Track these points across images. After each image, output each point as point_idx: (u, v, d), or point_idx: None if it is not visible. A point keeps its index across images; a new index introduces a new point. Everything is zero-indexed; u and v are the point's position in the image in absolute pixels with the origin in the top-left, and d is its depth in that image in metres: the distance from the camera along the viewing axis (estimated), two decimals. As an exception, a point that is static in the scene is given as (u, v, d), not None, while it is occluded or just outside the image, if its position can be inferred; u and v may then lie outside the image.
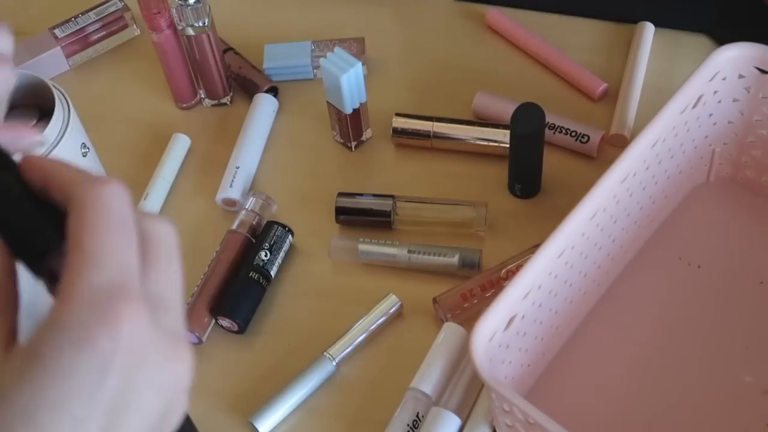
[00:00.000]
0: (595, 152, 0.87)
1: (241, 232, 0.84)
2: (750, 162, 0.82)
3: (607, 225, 0.73)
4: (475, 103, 0.91)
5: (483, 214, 0.83)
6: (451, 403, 0.72)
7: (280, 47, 0.97)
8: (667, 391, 0.73)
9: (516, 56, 0.97)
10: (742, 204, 0.84)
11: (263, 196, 0.86)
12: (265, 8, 1.04)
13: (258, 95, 0.93)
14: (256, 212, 0.85)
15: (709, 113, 0.79)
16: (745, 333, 0.76)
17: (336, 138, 0.92)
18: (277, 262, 0.83)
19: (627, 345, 0.76)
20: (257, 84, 0.95)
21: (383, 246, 0.82)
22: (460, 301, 0.79)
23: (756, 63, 0.76)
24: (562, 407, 0.72)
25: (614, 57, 0.96)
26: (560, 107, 0.91)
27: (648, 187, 0.76)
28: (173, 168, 0.91)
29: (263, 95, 0.93)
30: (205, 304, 0.80)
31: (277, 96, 0.94)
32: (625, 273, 0.79)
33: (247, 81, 0.95)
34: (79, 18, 1.00)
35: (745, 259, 0.80)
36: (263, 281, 0.81)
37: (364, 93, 0.87)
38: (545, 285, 0.68)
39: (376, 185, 0.88)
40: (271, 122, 0.93)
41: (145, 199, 0.87)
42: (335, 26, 1.00)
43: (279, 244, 0.83)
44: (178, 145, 0.92)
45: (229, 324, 0.80)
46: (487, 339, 0.63)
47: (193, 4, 0.87)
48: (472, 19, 1.01)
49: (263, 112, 0.93)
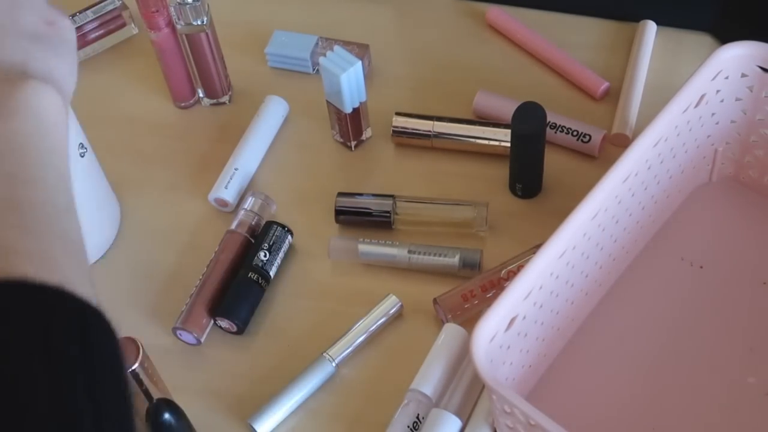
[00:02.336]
0: (596, 152, 0.87)
1: (240, 233, 0.83)
2: (753, 161, 0.82)
3: (609, 225, 0.73)
4: (475, 102, 0.91)
5: (484, 214, 0.83)
6: (452, 404, 0.72)
7: (287, 35, 0.97)
8: (670, 392, 0.73)
9: (517, 55, 0.97)
10: (745, 204, 0.83)
11: (262, 196, 0.86)
12: (267, 2, 1.03)
13: (269, 96, 0.93)
14: (255, 212, 0.85)
15: (711, 112, 0.79)
16: (749, 334, 0.75)
17: (336, 137, 0.92)
18: (276, 263, 0.82)
19: (629, 346, 0.76)
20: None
21: (383, 246, 0.82)
22: (460, 301, 0.78)
23: (759, 62, 0.76)
24: (564, 409, 0.72)
25: (616, 56, 0.95)
26: (561, 106, 0.90)
27: (650, 186, 0.76)
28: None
29: (274, 97, 0.93)
30: (203, 305, 0.80)
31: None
32: (627, 273, 0.79)
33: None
34: (76, 16, 1.00)
35: (748, 259, 0.79)
36: (262, 282, 0.81)
37: (364, 92, 0.87)
38: (546, 286, 0.68)
39: (376, 185, 0.88)
40: (278, 126, 0.93)
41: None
42: (335, 24, 1.00)
43: (278, 244, 0.82)
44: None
45: (228, 325, 0.79)
46: (488, 340, 0.63)
47: (191, 2, 0.86)
48: (472, 17, 1.00)
49: (272, 115, 0.92)
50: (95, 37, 1.00)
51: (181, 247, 0.86)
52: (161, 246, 0.86)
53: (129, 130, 0.94)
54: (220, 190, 0.87)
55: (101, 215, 0.85)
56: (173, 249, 0.86)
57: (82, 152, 0.79)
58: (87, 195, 0.82)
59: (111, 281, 0.85)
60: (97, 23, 0.99)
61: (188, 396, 0.76)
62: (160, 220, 0.88)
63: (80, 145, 0.79)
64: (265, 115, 0.92)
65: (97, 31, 1.00)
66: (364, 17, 1.01)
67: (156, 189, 0.90)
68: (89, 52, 1.01)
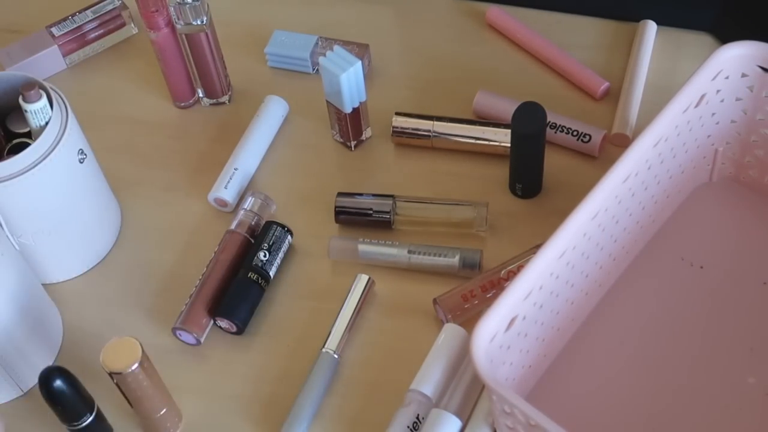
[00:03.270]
0: (596, 152, 0.87)
1: (239, 233, 0.83)
2: (753, 161, 0.82)
3: (609, 225, 0.72)
4: (475, 102, 0.91)
5: (484, 214, 0.82)
6: (452, 404, 0.72)
7: (287, 35, 0.97)
8: (670, 392, 0.73)
9: (517, 54, 0.97)
10: (745, 204, 0.83)
11: (262, 196, 0.85)
12: (267, 2, 1.03)
13: (269, 96, 0.93)
14: (254, 212, 0.85)
15: (711, 112, 0.78)
16: (749, 334, 0.75)
17: (335, 137, 0.91)
18: (276, 263, 0.82)
19: (629, 346, 0.76)
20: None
21: (383, 246, 0.82)
22: (460, 301, 0.78)
23: (759, 62, 0.76)
24: (564, 409, 0.72)
25: (616, 55, 0.95)
26: (562, 106, 0.90)
27: (650, 186, 0.76)
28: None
29: (274, 97, 0.93)
30: (203, 305, 0.80)
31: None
32: (627, 273, 0.79)
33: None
34: (76, 16, 1.00)
35: (748, 259, 0.79)
36: (262, 282, 0.80)
37: (363, 92, 0.87)
38: (546, 286, 0.68)
39: (375, 185, 0.88)
40: (278, 127, 0.93)
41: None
42: (335, 24, 1.00)
43: (278, 244, 0.82)
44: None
45: (228, 325, 0.79)
46: (488, 340, 0.63)
47: (191, 2, 0.86)
48: (472, 17, 1.00)
49: (272, 115, 0.92)
50: (95, 36, 1.00)
51: (181, 248, 0.86)
52: (161, 246, 0.86)
53: (128, 130, 0.94)
54: (219, 190, 0.87)
55: (102, 219, 0.85)
56: (173, 249, 0.86)
57: (82, 158, 0.79)
58: (87, 200, 0.82)
59: (112, 282, 0.84)
60: (96, 23, 0.99)
61: (188, 396, 0.76)
62: (160, 220, 0.88)
63: (80, 150, 0.79)
64: (264, 115, 0.92)
65: (96, 30, 1.00)
66: (364, 17, 1.01)
67: (155, 189, 0.90)
68: (89, 52, 1.00)
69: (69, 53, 0.99)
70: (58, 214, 0.80)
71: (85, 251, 0.85)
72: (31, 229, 0.79)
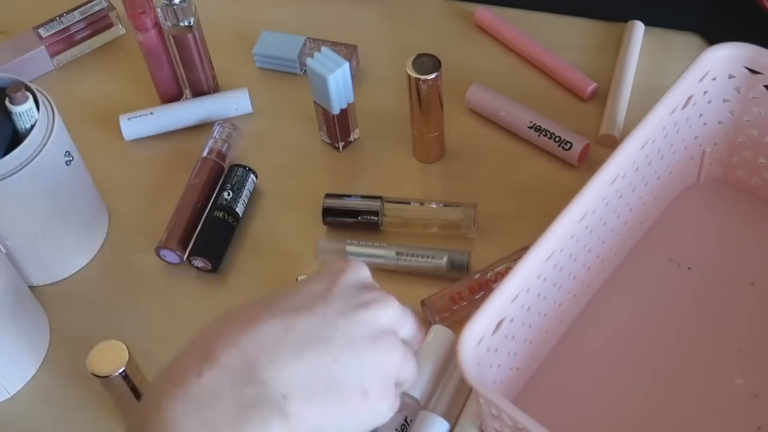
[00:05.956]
0: (576, 161, 0.86)
1: (210, 158, 0.88)
2: (740, 162, 0.82)
3: (597, 227, 0.72)
4: (468, 95, 0.91)
5: (472, 216, 0.82)
6: (440, 407, 0.72)
7: (275, 36, 0.97)
8: (658, 394, 0.73)
9: (505, 55, 0.97)
10: (733, 205, 0.83)
11: (228, 124, 0.90)
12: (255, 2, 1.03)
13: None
14: (223, 140, 0.89)
15: (699, 113, 0.78)
16: (737, 335, 0.75)
17: (323, 138, 0.91)
18: (242, 201, 0.86)
19: (617, 348, 0.76)
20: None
21: (371, 248, 0.82)
22: (448, 303, 0.78)
23: (746, 63, 0.76)
24: (552, 411, 0.72)
25: (604, 56, 0.95)
26: (549, 107, 0.90)
27: (638, 188, 0.76)
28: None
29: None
30: (181, 227, 0.84)
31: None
32: (614, 275, 0.79)
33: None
34: (63, 17, 0.99)
35: (735, 260, 0.79)
36: (230, 219, 0.84)
37: (351, 93, 0.87)
38: (534, 288, 0.68)
39: (363, 186, 0.87)
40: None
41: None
42: (323, 24, 1.00)
43: (240, 183, 0.86)
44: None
45: (203, 263, 0.82)
46: (475, 343, 0.62)
47: (178, 3, 0.86)
48: (460, 17, 1.00)
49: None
50: (82, 37, 1.00)
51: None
52: (149, 249, 0.86)
53: (116, 131, 0.94)
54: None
55: (89, 221, 0.85)
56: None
57: (68, 160, 0.79)
58: (74, 202, 0.82)
59: (99, 284, 0.84)
60: (84, 24, 0.99)
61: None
62: (148, 222, 0.87)
63: (66, 153, 0.78)
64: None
65: (84, 31, 0.99)
66: (352, 18, 1.01)
67: (143, 191, 0.90)
68: (76, 53, 1.00)
69: (56, 54, 0.99)
70: (44, 217, 0.79)
71: (72, 254, 0.84)
72: (17, 232, 0.79)
